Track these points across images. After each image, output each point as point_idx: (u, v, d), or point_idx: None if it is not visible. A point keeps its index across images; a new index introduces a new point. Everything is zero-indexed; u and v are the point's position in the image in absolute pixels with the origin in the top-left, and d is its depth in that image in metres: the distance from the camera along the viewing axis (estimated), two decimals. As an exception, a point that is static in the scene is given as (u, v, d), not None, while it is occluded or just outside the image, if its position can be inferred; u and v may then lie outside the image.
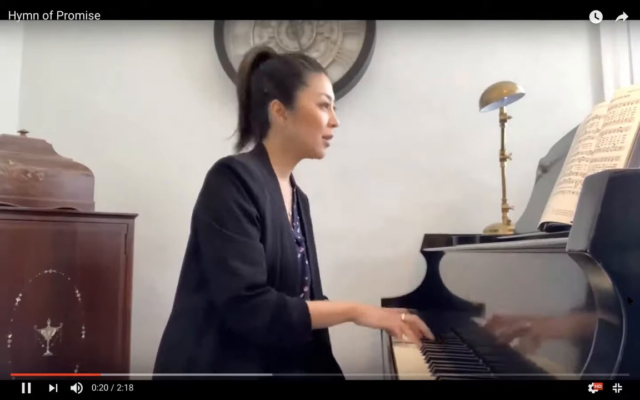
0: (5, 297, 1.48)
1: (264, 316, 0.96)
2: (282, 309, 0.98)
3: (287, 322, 0.98)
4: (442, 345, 1.09)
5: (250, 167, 1.04)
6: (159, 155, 2.10)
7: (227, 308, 0.98)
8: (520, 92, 1.58)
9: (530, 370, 0.70)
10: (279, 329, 0.98)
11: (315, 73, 1.15)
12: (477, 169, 1.89)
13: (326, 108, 1.14)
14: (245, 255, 0.98)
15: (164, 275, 1.72)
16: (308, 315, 1.00)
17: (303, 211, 1.27)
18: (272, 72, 1.15)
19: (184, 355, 1.00)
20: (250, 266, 0.98)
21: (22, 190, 1.61)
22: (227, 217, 0.99)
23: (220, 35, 2.06)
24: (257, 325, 0.97)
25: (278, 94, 1.12)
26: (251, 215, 1.01)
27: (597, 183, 0.49)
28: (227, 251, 0.98)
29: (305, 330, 1.00)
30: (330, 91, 1.16)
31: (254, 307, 0.96)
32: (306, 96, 1.12)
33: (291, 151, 1.16)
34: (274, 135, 1.15)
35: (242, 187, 1.01)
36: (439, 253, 1.67)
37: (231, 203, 0.99)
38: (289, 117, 1.12)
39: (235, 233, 0.99)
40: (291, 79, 1.13)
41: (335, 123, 1.16)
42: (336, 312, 1.08)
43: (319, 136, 1.14)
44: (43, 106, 2.18)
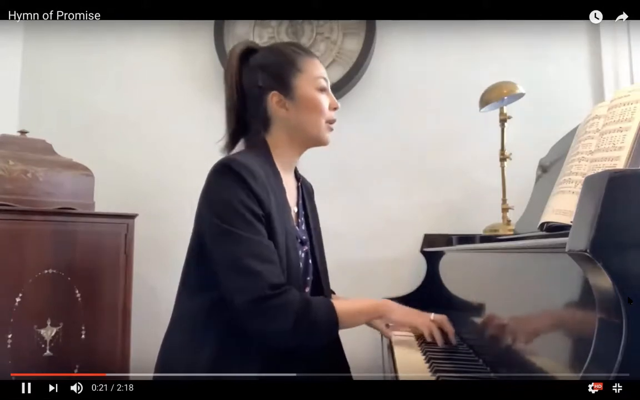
0: (5, 297, 1.48)
1: (289, 316, 0.93)
2: (306, 308, 0.95)
3: (312, 321, 0.94)
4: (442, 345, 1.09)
5: (253, 167, 1.00)
6: (159, 155, 2.10)
7: (248, 310, 0.93)
8: (520, 92, 1.58)
9: (530, 370, 0.70)
10: (304, 329, 0.94)
11: (308, 58, 1.12)
12: (477, 169, 1.89)
13: (325, 92, 1.12)
14: (261, 254, 0.95)
15: (164, 275, 1.72)
16: (335, 315, 0.97)
17: (308, 205, 1.23)
18: (264, 64, 1.11)
19: (185, 361, 0.99)
20: (266, 264, 0.94)
21: (22, 190, 1.61)
22: (234, 216, 0.96)
23: (220, 35, 2.06)
24: (283, 326, 0.93)
25: (275, 85, 1.08)
26: (257, 214, 0.98)
27: (597, 183, 0.49)
28: (241, 251, 0.94)
29: (332, 329, 0.97)
30: (324, 73, 1.13)
31: (278, 308, 0.93)
32: (304, 83, 1.09)
33: (296, 142, 1.13)
34: (277, 129, 1.11)
35: (246, 187, 0.98)
36: (439, 253, 1.67)
37: (236, 203, 0.96)
38: (291, 108, 1.09)
39: (246, 232, 0.95)
40: (286, 67, 1.09)
41: (336, 105, 1.14)
42: (363, 310, 1.05)
43: (323, 122, 1.11)
44: (43, 106, 2.18)
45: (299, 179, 1.23)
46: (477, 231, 1.69)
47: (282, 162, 1.12)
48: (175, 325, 1.07)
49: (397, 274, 1.88)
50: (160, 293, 1.89)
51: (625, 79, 1.82)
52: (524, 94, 1.59)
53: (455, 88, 1.94)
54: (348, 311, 1.02)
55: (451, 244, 1.75)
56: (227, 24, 2.08)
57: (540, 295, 0.75)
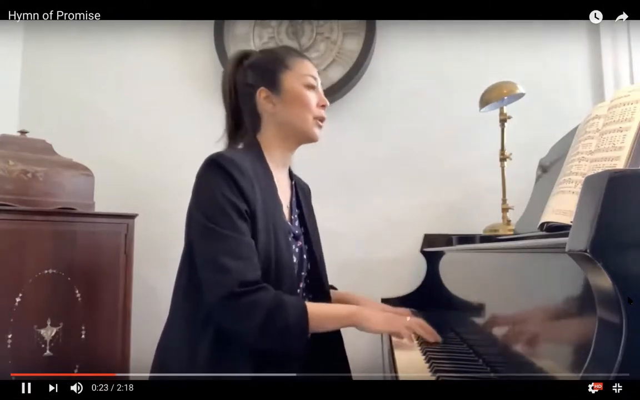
0: (5, 297, 1.48)
1: (257, 315, 0.92)
2: (277, 308, 0.93)
3: (282, 323, 0.93)
4: (442, 345, 1.09)
5: (239, 162, 1.01)
6: (159, 155, 2.10)
7: (218, 307, 0.95)
8: (520, 92, 1.58)
9: (530, 370, 0.70)
10: (273, 331, 0.93)
11: (299, 58, 1.15)
12: (477, 169, 1.89)
13: (313, 89, 1.13)
14: (234, 251, 0.95)
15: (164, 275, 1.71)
16: (306, 318, 0.95)
17: (304, 203, 1.24)
18: (254, 63, 1.15)
19: (181, 361, 0.98)
20: (239, 262, 0.94)
21: (22, 190, 1.61)
22: (217, 213, 0.97)
23: (220, 35, 2.06)
24: (250, 325, 0.93)
25: (263, 82, 1.12)
26: (240, 210, 0.98)
27: (597, 183, 0.49)
28: (218, 249, 0.95)
29: (301, 333, 0.95)
30: (314, 73, 1.15)
31: (246, 305, 0.93)
32: (290, 79, 1.11)
33: (285, 138, 1.14)
34: (265, 126, 1.14)
35: (231, 181, 0.99)
36: (439, 253, 1.67)
37: (220, 198, 0.97)
38: (277, 103, 1.11)
39: (225, 230, 0.96)
40: (274, 64, 1.13)
41: (325, 103, 1.15)
42: (336, 317, 1.03)
43: (310, 117, 1.12)
44: (43, 106, 2.18)
45: (293, 179, 1.24)
46: (477, 231, 1.69)
47: (274, 161, 1.14)
48: (170, 326, 1.07)
49: (397, 274, 1.88)
50: (160, 293, 1.87)
51: (625, 79, 1.82)
52: (524, 94, 1.59)
53: (455, 88, 1.94)
54: (320, 316, 1.00)
55: (451, 244, 1.75)
56: (227, 24, 2.08)
57: (540, 295, 0.75)
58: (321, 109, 1.14)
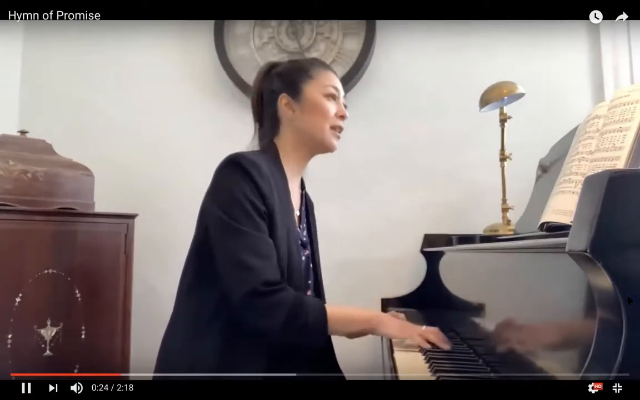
0: (5, 297, 1.48)
1: (279, 314, 0.94)
2: (299, 308, 0.96)
3: (303, 322, 0.95)
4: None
5: (259, 164, 1.03)
6: (159, 155, 2.10)
7: (242, 303, 0.95)
8: (520, 92, 1.58)
9: (530, 370, 0.70)
10: (294, 329, 0.95)
11: (323, 69, 1.18)
12: (477, 169, 1.89)
13: (333, 100, 1.15)
14: (255, 249, 0.97)
15: (164, 275, 1.72)
16: (325, 319, 0.97)
17: (310, 215, 1.27)
18: (281, 71, 1.18)
19: (186, 359, 0.99)
20: (261, 260, 0.96)
21: (22, 190, 1.61)
22: (237, 210, 0.98)
23: (220, 35, 2.06)
24: (272, 323, 0.95)
25: (285, 89, 1.14)
26: (260, 210, 1.00)
27: (597, 183, 0.49)
28: (239, 245, 0.96)
29: (321, 333, 0.98)
30: (337, 84, 1.17)
31: (270, 305, 0.95)
32: (312, 88, 1.13)
33: (302, 145, 1.15)
34: (284, 131, 1.15)
35: (251, 183, 1.00)
36: (438, 253, 1.67)
37: (240, 197, 0.98)
38: (297, 110, 1.13)
39: (246, 227, 0.97)
40: (298, 73, 1.16)
41: (344, 114, 1.17)
42: (356, 319, 1.05)
43: (327, 126, 1.13)
44: (43, 106, 2.18)
45: (304, 188, 1.26)
46: (477, 231, 1.69)
47: (289, 166, 1.15)
48: (175, 324, 1.07)
49: (397, 274, 1.88)
50: (160, 293, 1.88)
51: (625, 79, 1.82)
52: (524, 94, 1.59)
53: (456, 88, 1.94)
54: (340, 318, 1.02)
55: (451, 244, 1.75)
56: (227, 24, 2.08)
57: (540, 295, 0.74)
58: (339, 120, 1.16)
